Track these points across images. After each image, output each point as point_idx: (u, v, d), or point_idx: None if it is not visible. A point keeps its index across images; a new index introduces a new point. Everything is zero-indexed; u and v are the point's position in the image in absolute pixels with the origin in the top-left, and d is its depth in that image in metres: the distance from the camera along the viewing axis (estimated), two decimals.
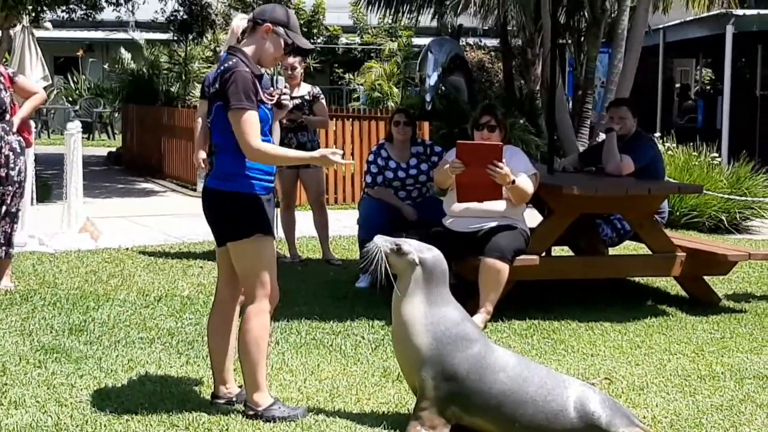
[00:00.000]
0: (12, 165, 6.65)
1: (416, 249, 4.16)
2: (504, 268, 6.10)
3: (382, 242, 4.16)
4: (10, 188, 6.69)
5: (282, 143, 8.35)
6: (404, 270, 4.13)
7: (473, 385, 3.98)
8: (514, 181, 6.07)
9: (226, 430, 4.11)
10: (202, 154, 8.48)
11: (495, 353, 4.05)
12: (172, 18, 18.46)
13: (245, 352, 4.25)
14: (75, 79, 27.26)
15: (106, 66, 27.26)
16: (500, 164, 5.99)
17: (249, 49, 4.25)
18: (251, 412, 4.24)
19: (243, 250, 4.23)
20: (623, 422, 3.92)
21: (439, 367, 4.00)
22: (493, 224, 6.22)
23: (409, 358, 4.10)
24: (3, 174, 6.62)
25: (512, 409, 3.94)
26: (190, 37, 18.87)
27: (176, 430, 4.08)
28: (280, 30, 4.26)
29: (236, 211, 4.20)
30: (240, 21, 4.41)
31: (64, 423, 4.12)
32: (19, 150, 6.71)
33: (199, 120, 8.54)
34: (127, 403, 4.40)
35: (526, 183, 6.20)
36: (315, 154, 4.35)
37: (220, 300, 4.44)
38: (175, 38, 19.53)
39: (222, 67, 4.20)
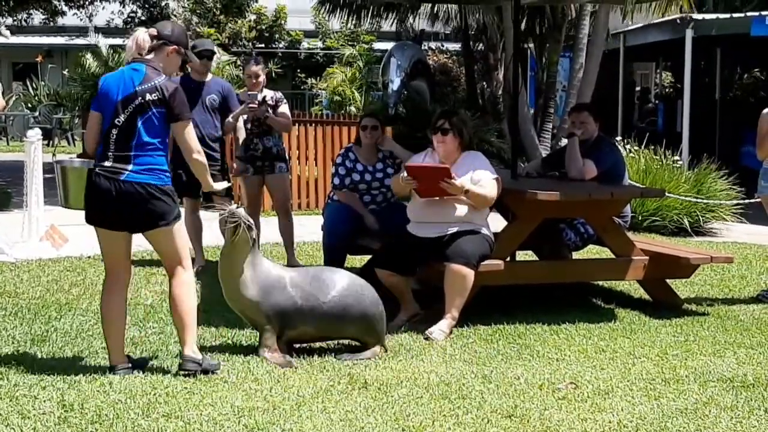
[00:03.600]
0: None
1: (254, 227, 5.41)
2: (469, 273, 6.11)
3: (245, 216, 5.30)
4: None
5: (248, 148, 8.33)
6: (246, 242, 5.30)
7: (291, 307, 5.38)
8: (468, 191, 6.11)
9: None
10: None
11: (290, 280, 5.45)
12: (129, 20, 18.33)
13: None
14: (34, 86, 27.00)
15: (65, 72, 27.02)
16: (451, 180, 6.07)
17: (159, 65, 5.01)
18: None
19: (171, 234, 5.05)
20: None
21: (268, 304, 5.35)
22: (457, 230, 6.23)
23: (245, 305, 5.40)
24: None
25: (316, 313, 5.40)
26: None
27: None
28: (182, 51, 5.10)
29: (166, 201, 4.98)
30: (145, 35, 5.07)
31: None
32: None
33: None
34: (91, 414, 4.34)
35: (484, 188, 6.21)
36: (211, 183, 5.29)
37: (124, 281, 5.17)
38: None
39: (158, 81, 4.92)
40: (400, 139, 12.89)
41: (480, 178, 6.25)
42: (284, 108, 8.41)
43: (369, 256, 7.22)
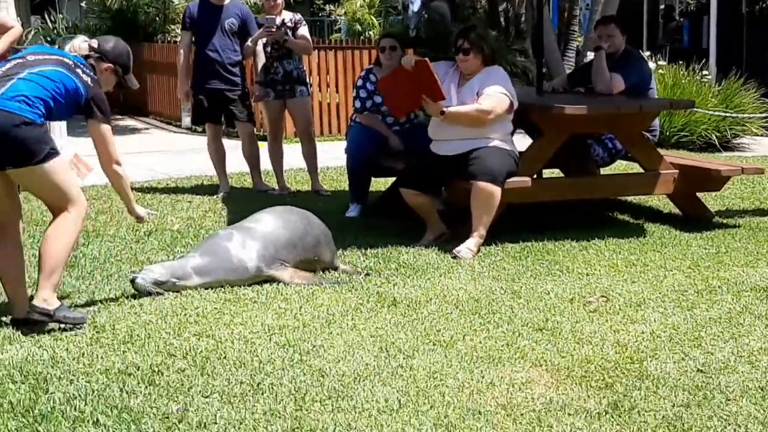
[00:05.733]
0: None
1: (166, 271, 5.03)
2: (496, 191, 6.05)
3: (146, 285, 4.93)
4: None
5: (267, 72, 8.24)
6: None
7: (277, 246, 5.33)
8: (443, 112, 6.05)
9: (224, 355, 4.07)
10: (186, 88, 8.41)
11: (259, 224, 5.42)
12: None
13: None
14: (52, 19, 26.83)
15: (83, 4, 26.82)
16: (428, 100, 6.07)
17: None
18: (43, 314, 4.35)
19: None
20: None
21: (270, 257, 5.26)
22: (481, 146, 6.14)
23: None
24: None
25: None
26: None
27: (173, 360, 4.03)
28: (119, 71, 4.83)
29: (34, 137, 4.38)
30: (84, 43, 4.81)
31: (60, 356, 4.07)
32: None
33: (182, 53, 8.45)
34: (123, 334, 4.35)
35: (472, 106, 6.12)
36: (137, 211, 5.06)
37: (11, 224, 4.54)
38: None
39: (91, 78, 4.61)
40: None
41: (483, 92, 6.15)
42: (303, 30, 8.29)
43: (393, 179, 7.16)
